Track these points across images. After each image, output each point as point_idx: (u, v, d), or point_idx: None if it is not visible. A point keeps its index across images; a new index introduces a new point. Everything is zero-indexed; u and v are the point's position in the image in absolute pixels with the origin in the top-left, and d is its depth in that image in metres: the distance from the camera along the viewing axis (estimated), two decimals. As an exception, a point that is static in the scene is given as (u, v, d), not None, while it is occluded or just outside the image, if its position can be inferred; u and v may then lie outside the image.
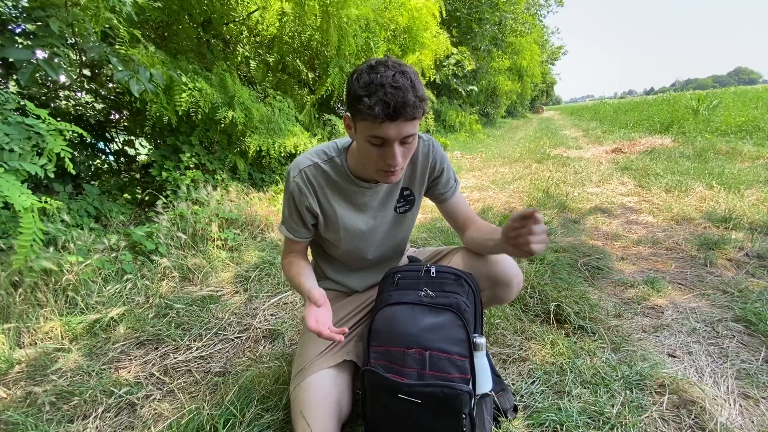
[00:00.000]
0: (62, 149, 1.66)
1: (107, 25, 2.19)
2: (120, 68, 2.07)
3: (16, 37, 1.97)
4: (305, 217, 1.02)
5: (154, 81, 2.18)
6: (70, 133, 1.77)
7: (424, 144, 1.05)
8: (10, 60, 2.19)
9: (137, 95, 2.13)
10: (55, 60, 1.84)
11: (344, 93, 0.87)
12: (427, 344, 0.89)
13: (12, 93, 1.65)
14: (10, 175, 1.41)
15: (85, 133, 1.82)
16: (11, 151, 1.53)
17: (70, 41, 2.05)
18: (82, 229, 2.10)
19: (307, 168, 0.99)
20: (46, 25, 1.80)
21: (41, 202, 1.50)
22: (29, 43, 1.86)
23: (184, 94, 2.59)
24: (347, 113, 0.89)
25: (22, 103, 1.67)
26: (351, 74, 0.84)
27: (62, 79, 2.75)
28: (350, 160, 1.00)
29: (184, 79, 2.55)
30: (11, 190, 1.33)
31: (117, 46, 2.29)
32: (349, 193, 1.02)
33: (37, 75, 2.54)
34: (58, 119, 1.76)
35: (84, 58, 2.22)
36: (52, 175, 1.65)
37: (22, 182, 1.48)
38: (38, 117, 1.65)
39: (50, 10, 1.81)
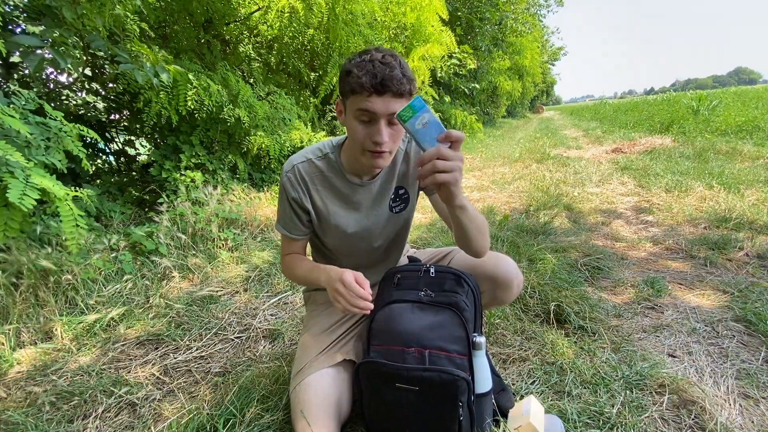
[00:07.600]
0: (78, 150, 1.74)
1: (113, 23, 2.19)
2: (125, 57, 2.10)
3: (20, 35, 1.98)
4: (298, 213, 1.03)
5: (159, 77, 2.21)
6: (86, 131, 1.85)
7: None
8: (10, 60, 2.19)
9: (141, 82, 2.15)
10: (61, 49, 1.87)
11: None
12: (426, 343, 0.89)
13: (30, 94, 1.70)
14: (39, 169, 1.47)
15: (97, 137, 1.88)
16: (38, 147, 1.60)
17: (76, 38, 2.06)
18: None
19: (300, 164, 1.00)
20: (55, 17, 1.82)
21: (74, 191, 1.58)
22: (39, 30, 1.89)
23: (190, 92, 2.59)
24: (338, 99, 0.92)
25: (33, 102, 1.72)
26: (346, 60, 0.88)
27: (63, 77, 2.75)
28: (344, 157, 1.01)
29: (190, 76, 2.55)
30: (44, 182, 1.39)
31: (124, 43, 2.29)
32: (342, 191, 1.02)
33: (43, 74, 2.55)
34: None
35: (87, 57, 2.23)
36: (65, 171, 1.73)
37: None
38: (54, 118, 1.72)
39: (60, 2, 1.83)
